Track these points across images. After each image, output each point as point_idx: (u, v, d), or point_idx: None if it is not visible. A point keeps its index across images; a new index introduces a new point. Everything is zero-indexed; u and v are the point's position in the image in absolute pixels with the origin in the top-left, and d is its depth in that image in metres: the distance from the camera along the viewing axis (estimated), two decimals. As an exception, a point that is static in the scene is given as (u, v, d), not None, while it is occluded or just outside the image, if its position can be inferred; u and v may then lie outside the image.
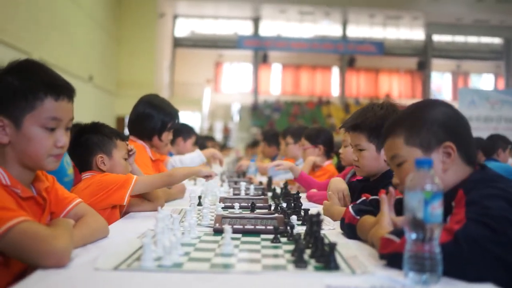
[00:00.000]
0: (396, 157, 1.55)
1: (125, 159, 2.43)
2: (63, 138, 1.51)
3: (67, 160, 2.94)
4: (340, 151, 3.32)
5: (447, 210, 1.37)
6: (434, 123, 1.50)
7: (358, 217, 1.77)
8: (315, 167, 3.94)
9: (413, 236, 1.17)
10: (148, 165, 3.03)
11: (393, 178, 1.63)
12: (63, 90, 1.51)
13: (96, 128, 2.38)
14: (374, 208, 1.77)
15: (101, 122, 2.47)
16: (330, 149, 4.13)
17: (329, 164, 4.02)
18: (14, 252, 1.30)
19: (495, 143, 5.83)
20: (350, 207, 1.85)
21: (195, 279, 1.22)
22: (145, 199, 2.51)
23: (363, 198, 1.90)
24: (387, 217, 1.54)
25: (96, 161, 2.32)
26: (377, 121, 2.26)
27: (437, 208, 1.16)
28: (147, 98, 3.17)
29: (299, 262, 1.33)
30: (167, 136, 3.14)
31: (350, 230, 1.79)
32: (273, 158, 6.89)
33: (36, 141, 1.46)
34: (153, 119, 3.07)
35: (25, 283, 1.15)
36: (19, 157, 1.48)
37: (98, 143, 2.34)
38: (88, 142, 2.32)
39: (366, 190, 2.10)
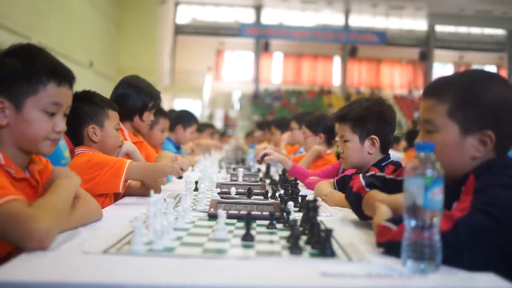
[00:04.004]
0: (430, 123, 1.43)
1: (116, 130, 2.37)
2: (62, 123, 1.53)
3: (63, 143, 2.91)
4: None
5: (456, 196, 1.32)
6: (485, 106, 1.37)
7: (368, 189, 1.68)
8: (318, 157, 3.87)
9: (412, 223, 1.13)
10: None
11: (418, 137, 1.49)
12: (65, 76, 1.52)
13: (87, 97, 2.30)
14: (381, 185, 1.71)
15: (92, 90, 2.37)
16: (331, 137, 4.07)
17: (330, 153, 3.96)
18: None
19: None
20: (361, 176, 1.77)
21: (186, 264, 1.18)
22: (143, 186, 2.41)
23: (372, 172, 1.83)
24: (383, 205, 1.46)
25: (88, 132, 2.26)
26: (361, 112, 2.32)
27: (437, 194, 1.12)
28: (127, 79, 3.13)
29: (294, 249, 1.29)
30: (148, 116, 3.08)
31: (356, 200, 1.71)
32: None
33: (36, 124, 1.46)
34: (134, 99, 3.02)
35: (10, 265, 1.11)
36: (16, 139, 1.47)
37: (89, 113, 2.27)
38: (79, 112, 2.21)
39: None
